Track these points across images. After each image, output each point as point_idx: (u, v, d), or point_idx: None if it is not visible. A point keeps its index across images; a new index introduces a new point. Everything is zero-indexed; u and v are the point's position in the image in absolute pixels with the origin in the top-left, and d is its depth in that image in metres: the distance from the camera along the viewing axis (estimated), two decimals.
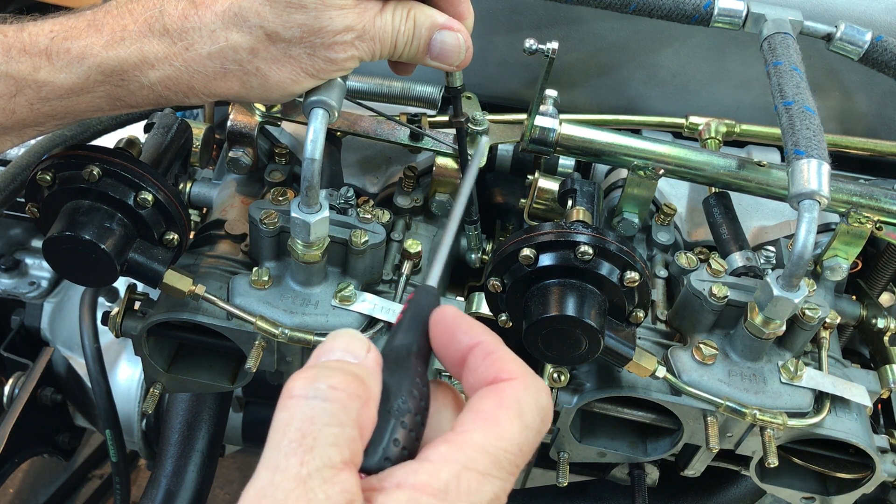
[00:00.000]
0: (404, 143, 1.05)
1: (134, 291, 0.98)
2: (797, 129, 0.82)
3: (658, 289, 1.04)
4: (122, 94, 0.74)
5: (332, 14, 0.71)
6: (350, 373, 0.49)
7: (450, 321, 0.55)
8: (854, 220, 0.97)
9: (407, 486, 0.46)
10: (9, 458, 1.47)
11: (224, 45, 0.71)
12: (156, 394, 1.01)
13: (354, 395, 0.48)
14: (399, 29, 0.76)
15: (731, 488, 1.30)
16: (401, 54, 0.78)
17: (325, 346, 0.52)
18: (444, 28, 0.78)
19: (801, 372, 0.93)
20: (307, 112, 0.79)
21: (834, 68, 1.11)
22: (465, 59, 0.80)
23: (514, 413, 0.50)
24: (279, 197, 0.93)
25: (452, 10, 0.79)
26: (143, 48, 0.71)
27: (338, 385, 0.48)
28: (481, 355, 0.53)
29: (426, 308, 0.56)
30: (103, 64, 0.71)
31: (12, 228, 1.53)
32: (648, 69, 1.16)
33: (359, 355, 0.51)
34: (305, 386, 0.48)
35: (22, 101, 0.72)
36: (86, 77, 0.72)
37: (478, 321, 0.55)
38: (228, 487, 2.22)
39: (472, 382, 0.53)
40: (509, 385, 0.51)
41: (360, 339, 0.52)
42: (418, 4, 0.77)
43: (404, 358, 0.54)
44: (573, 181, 1.03)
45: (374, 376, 0.51)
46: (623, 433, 1.06)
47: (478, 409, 0.50)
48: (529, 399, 0.51)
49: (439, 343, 0.55)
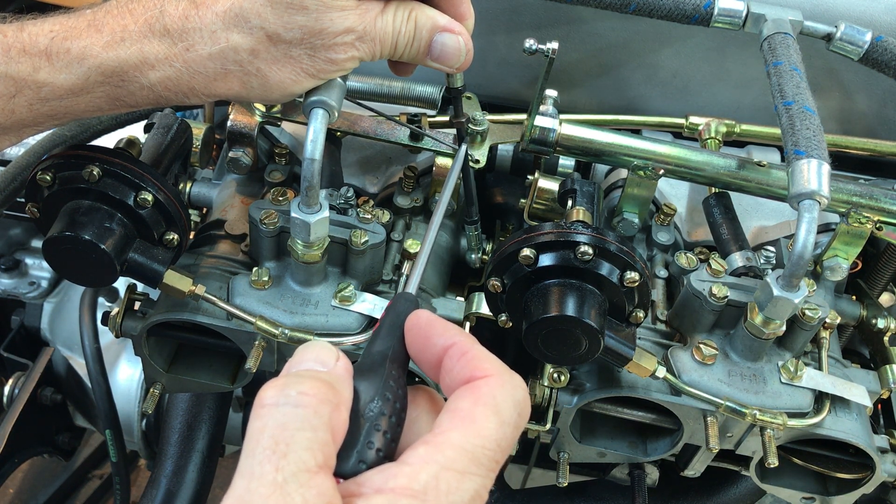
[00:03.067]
0: (404, 143, 1.05)
1: (134, 291, 0.98)
2: (797, 129, 0.82)
3: (658, 289, 1.04)
4: (121, 94, 0.74)
5: (332, 15, 0.71)
6: (319, 379, 0.50)
7: (424, 325, 0.55)
8: (854, 220, 0.97)
9: (386, 490, 0.46)
10: (9, 458, 1.47)
11: (225, 45, 0.71)
12: (156, 394, 1.01)
13: (325, 400, 0.48)
14: (400, 30, 0.76)
15: (731, 488, 1.30)
16: (401, 55, 0.78)
17: (294, 358, 0.53)
18: (445, 30, 0.77)
19: (801, 372, 0.93)
20: (307, 112, 0.78)
21: (834, 68, 1.11)
22: (465, 62, 0.80)
23: (491, 410, 0.50)
24: (279, 197, 0.93)
25: (453, 11, 0.79)
26: (143, 49, 0.71)
27: (307, 391, 0.48)
28: (456, 356, 0.53)
29: (403, 315, 0.57)
30: (103, 65, 0.71)
31: (12, 228, 1.53)
32: (648, 69, 1.16)
33: (328, 364, 0.52)
34: (276, 394, 0.48)
35: (21, 101, 0.72)
36: (85, 78, 0.71)
37: (451, 323, 0.56)
38: (228, 487, 2.22)
39: (449, 383, 0.53)
40: (485, 382, 0.51)
41: (329, 349, 0.53)
42: (420, 5, 0.77)
43: (378, 363, 0.54)
44: (573, 181, 1.03)
45: (344, 382, 0.51)
46: (623, 433, 1.06)
47: (455, 408, 0.51)
48: (505, 395, 0.51)
49: (415, 347, 0.56)
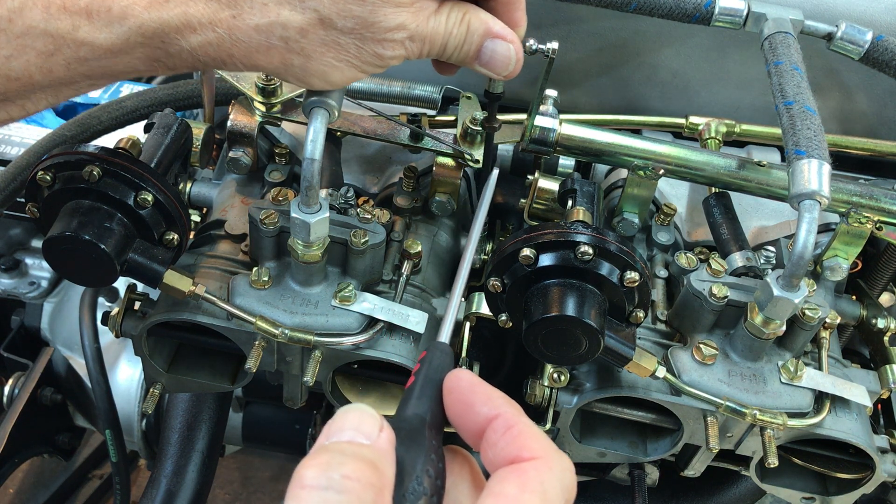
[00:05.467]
0: (404, 143, 1.04)
1: (134, 291, 0.98)
2: (798, 129, 0.82)
3: (658, 289, 1.04)
4: (160, 55, 0.71)
5: (387, 10, 0.69)
6: (363, 458, 0.46)
7: (465, 389, 0.53)
8: (854, 220, 0.97)
9: None
10: (9, 458, 1.48)
11: (274, 19, 0.68)
12: (156, 394, 1.01)
13: (368, 485, 0.45)
14: (451, 32, 0.74)
15: (731, 488, 1.30)
16: (449, 56, 0.76)
17: (335, 423, 0.50)
18: (498, 37, 0.75)
19: (801, 372, 0.93)
20: (307, 112, 0.78)
21: (834, 68, 1.11)
22: (513, 71, 0.78)
23: (538, 498, 0.47)
24: (279, 197, 0.93)
25: (507, 16, 0.76)
26: (187, 11, 0.68)
27: (351, 474, 0.45)
28: (501, 429, 0.50)
29: (440, 370, 0.54)
30: (144, 25, 0.68)
31: (12, 228, 1.53)
32: (648, 69, 1.16)
33: (371, 435, 0.48)
34: (318, 475, 0.45)
35: (59, 60, 0.69)
36: (126, 38, 0.68)
37: (495, 389, 0.53)
38: (228, 487, 2.23)
39: (492, 458, 0.50)
40: (532, 466, 0.48)
41: (373, 417, 0.50)
42: (474, 8, 0.75)
43: (418, 430, 0.51)
44: (573, 181, 1.03)
45: (388, 459, 0.48)
46: (623, 433, 1.06)
47: (499, 492, 0.47)
48: (554, 481, 0.48)
49: (455, 412, 0.53)
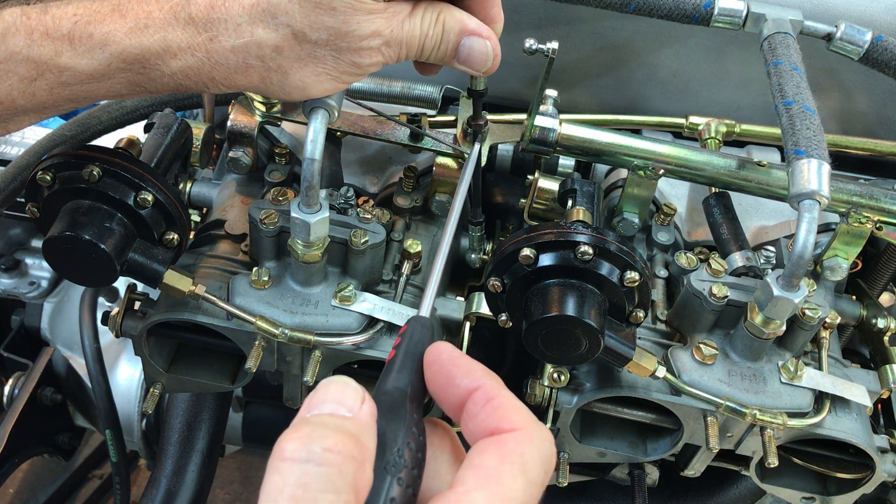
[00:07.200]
0: (404, 143, 1.04)
1: (134, 291, 0.98)
2: (797, 129, 0.82)
3: (658, 289, 1.04)
4: (142, 81, 0.73)
5: (360, 18, 0.70)
6: (345, 431, 0.46)
7: (446, 361, 0.53)
8: (854, 220, 0.97)
9: None
10: (9, 458, 1.47)
11: (249, 40, 0.70)
12: (156, 394, 1.01)
13: (350, 458, 0.45)
14: (427, 33, 0.74)
15: (731, 488, 1.30)
16: (427, 57, 0.77)
17: (316, 395, 0.49)
18: (473, 34, 0.76)
19: (801, 372, 0.93)
20: (307, 112, 0.78)
21: (834, 68, 1.11)
22: (492, 66, 0.78)
23: (518, 469, 0.47)
24: (279, 197, 0.93)
25: (483, 13, 0.77)
26: (166, 37, 0.70)
27: (332, 447, 0.44)
28: (481, 401, 0.50)
29: (420, 344, 0.54)
30: (125, 51, 0.70)
31: (12, 228, 1.53)
32: (648, 69, 1.16)
33: (353, 408, 0.48)
34: (299, 448, 0.44)
35: (42, 84, 0.71)
36: (107, 64, 0.70)
37: (475, 361, 0.52)
38: (228, 487, 2.23)
39: (472, 430, 0.50)
40: (512, 437, 0.48)
41: (355, 389, 0.49)
42: (448, 7, 0.75)
43: (399, 403, 0.51)
44: (573, 181, 1.03)
45: (369, 432, 0.48)
46: (623, 433, 1.06)
47: (479, 464, 0.47)
48: (534, 452, 0.48)
49: (436, 385, 0.53)
